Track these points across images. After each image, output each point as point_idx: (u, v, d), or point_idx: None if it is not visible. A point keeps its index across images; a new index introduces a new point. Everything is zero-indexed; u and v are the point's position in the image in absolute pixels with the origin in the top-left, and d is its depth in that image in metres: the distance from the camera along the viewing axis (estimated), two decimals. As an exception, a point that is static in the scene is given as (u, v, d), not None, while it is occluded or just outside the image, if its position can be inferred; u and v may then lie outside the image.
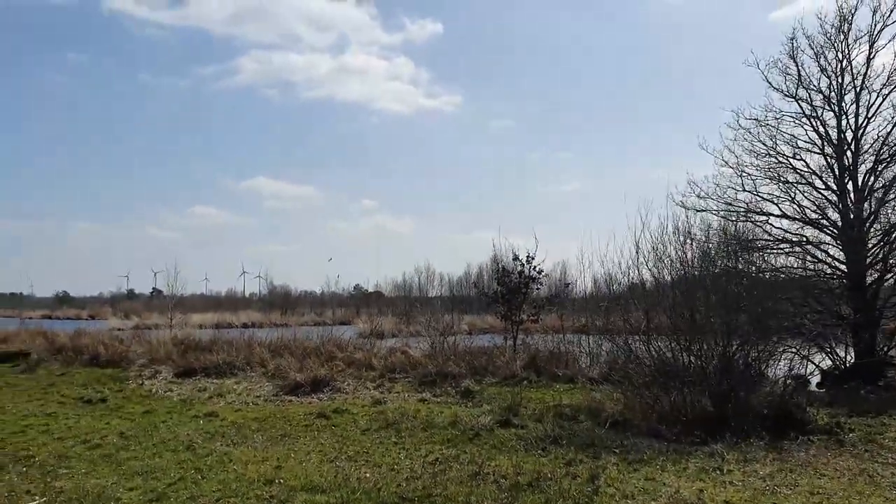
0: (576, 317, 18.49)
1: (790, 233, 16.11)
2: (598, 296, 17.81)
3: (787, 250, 15.87)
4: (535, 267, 18.10)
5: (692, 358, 10.58)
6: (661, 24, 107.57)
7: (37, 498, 7.62)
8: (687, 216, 12.79)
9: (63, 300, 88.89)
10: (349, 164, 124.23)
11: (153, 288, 79.57)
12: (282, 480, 7.96)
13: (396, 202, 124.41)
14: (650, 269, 11.87)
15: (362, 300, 64.88)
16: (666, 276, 11.76)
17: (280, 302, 64.62)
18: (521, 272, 18.08)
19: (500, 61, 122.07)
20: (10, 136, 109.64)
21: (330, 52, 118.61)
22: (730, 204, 16.29)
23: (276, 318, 48.85)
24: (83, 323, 32.59)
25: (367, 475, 8.11)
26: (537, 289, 18.74)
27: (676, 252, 11.56)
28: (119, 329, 27.79)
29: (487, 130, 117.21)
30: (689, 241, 11.74)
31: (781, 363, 11.32)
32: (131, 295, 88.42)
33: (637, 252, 11.96)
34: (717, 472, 8.01)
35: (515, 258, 18.23)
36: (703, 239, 12.16)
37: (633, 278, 12.55)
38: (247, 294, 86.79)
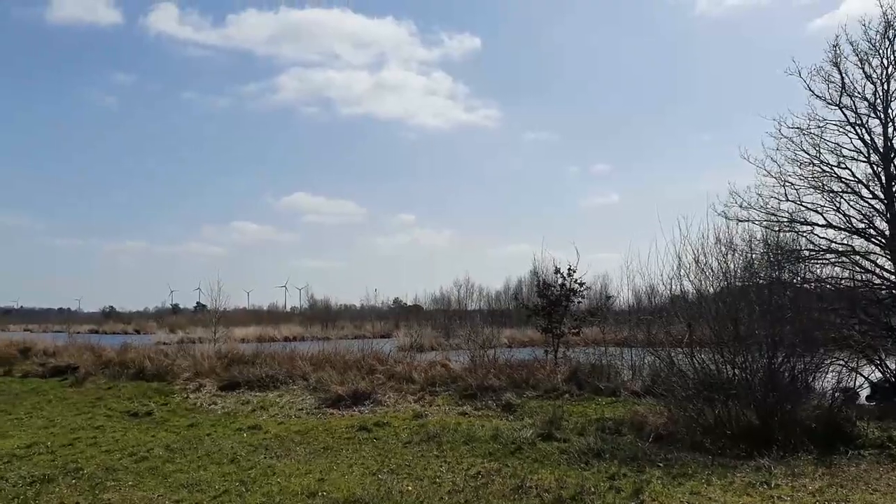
0: (617, 329, 18.30)
1: (836, 242, 15.78)
2: (640, 308, 17.66)
3: (832, 260, 15.54)
4: (575, 279, 18.02)
5: (736, 370, 10.42)
6: (699, 35, 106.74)
7: (86, 509, 7.78)
8: (728, 227, 12.62)
9: (110, 315, 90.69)
10: (387, 179, 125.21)
11: (197, 302, 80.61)
12: (325, 493, 8.01)
13: (435, 216, 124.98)
14: (692, 281, 11.75)
15: (401, 314, 65.07)
16: (708, 288, 11.62)
17: (320, 315, 65.15)
18: (562, 285, 18.00)
19: (538, 74, 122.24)
20: (61, 157, 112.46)
21: (368, 69, 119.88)
22: (773, 214, 16.02)
23: (316, 332, 49.21)
24: (129, 337, 33.15)
25: (410, 488, 8.13)
26: (578, 301, 18.62)
27: (719, 263, 11.42)
28: (164, 343, 28.21)
29: (525, 143, 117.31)
30: (731, 251, 11.59)
31: (829, 376, 11.07)
32: (175, 309, 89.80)
33: (679, 264, 11.86)
34: (765, 486, 7.87)
35: (556, 271, 18.17)
36: (746, 249, 11.99)
37: (674, 290, 12.42)
38: (288, 308, 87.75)
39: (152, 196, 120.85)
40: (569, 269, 17.99)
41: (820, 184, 15.86)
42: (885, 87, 15.28)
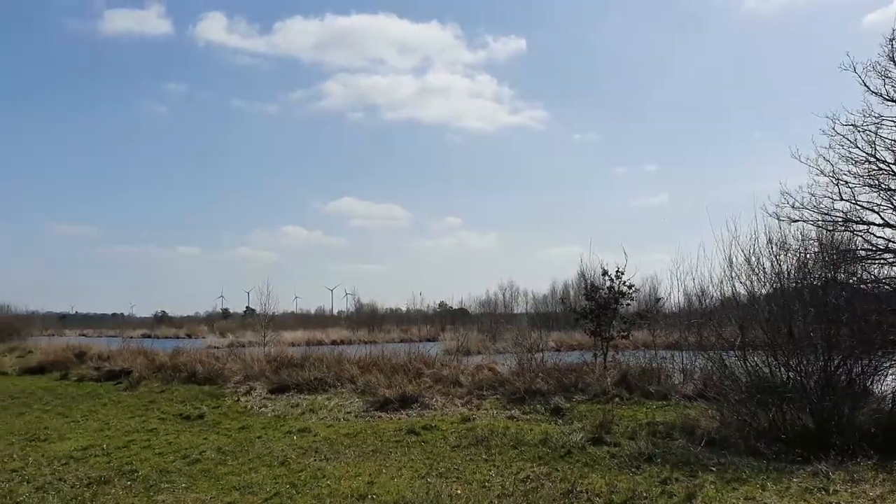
0: (668, 332, 18.05)
1: (894, 242, 15.33)
2: (690, 310, 17.38)
3: (891, 260, 15.11)
4: (624, 282, 17.81)
5: (791, 373, 10.19)
6: (747, 32, 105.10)
7: (142, 510, 7.93)
8: (780, 227, 12.35)
9: (162, 320, 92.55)
10: (433, 183, 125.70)
11: (246, 307, 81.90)
12: (374, 496, 8.05)
13: (480, 219, 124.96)
14: (743, 282, 11.54)
15: (447, 317, 65.15)
16: (760, 289, 11.40)
17: (367, 319, 65.59)
18: (610, 287, 17.81)
19: (584, 74, 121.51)
20: (114, 166, 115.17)
21: (413, 74, 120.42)
22: (826, 213, 15.61)
23: (363, 335, 49.54)
24: (181, 341, 33.77)
25: (459, 492, 8.11)
26: (627, 304, 18.40)
27: (771, 264, 11.19)
28: (215, 347, 28.64)
29: (572, 144, 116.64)
30: (784, 252, 11.35)
31: (888, 379, 10.77)
32: (226, 314, 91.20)
33: (730, 265, 11.66)
34: (823, 492, 7.68)
35: (604, 273, 17.97)
36: (800, 250, 11.72)
37: (725, 292, 12.22)
38: (335, 312, 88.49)
39: (203, 203, 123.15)
40: (617, 271, 17.80)
41: (876, 182, 15.41)
42: (944, 81, 14.80)
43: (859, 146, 15.49)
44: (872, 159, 15.42)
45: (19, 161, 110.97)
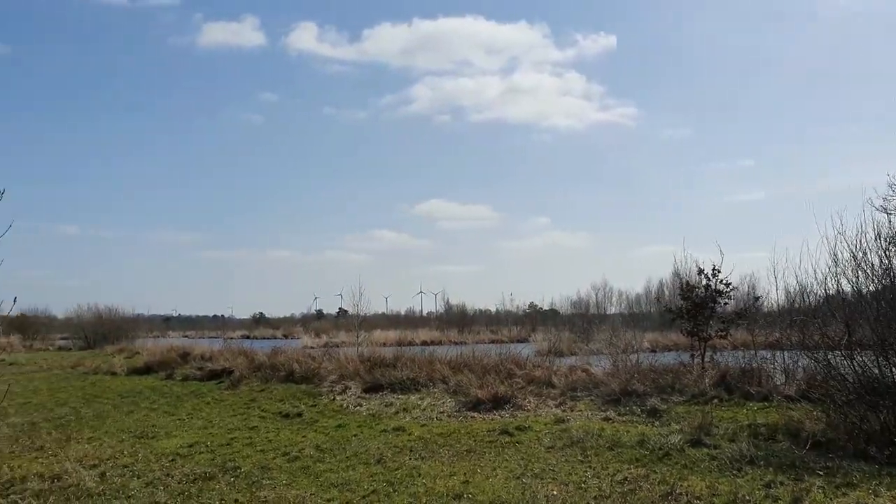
0: (767, 331, 17.41)
1: None
2: (792, 308, 16.73)
3: None
4: (721, 280, 17.30)
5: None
6: (848, 23, 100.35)
7: (245, 505, 8.17)
8: (890, 221, 11.74)
9: (259, 321, 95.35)
10: (521, 183, 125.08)
11: (339, 308, 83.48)
12: (470, 496, 8.06)
13: (570, 218, 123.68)
14: (850, 279, 11.04)
15: (537, 318, 64.78)
16: (868, 286, 10.88)
17: (456, 320, 65.83)
18: (706, 286, 17.33)
19: (676, 70, 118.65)
20: (213, 175, 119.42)
21: (500, 74, 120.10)
22: (941, 205, 14.77)
23: (453, 336, 49.76)
24: (278, 342, 34.71)
25: (555, 493, 8.05)
26: (725, 303, 17.87)
27: (880, 259, 10.67)
28: (310, 347, 29.32)
29: (664, 141, 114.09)
30: (894, 246, 10.79)
31: None
32: (319, 315, 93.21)
33: (834, 261, 11.18)
34: (943, 500, 7.27)
35: (700, 271, 17.49)
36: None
37: (829, 289, 11.71)
38: (424, 313, 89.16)
39: (298, 208, 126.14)
40: (713, 268, 17.29)
41: None
42: None
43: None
44: None
45: (127, 172, 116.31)
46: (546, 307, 72.09)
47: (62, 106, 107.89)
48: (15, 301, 5.87)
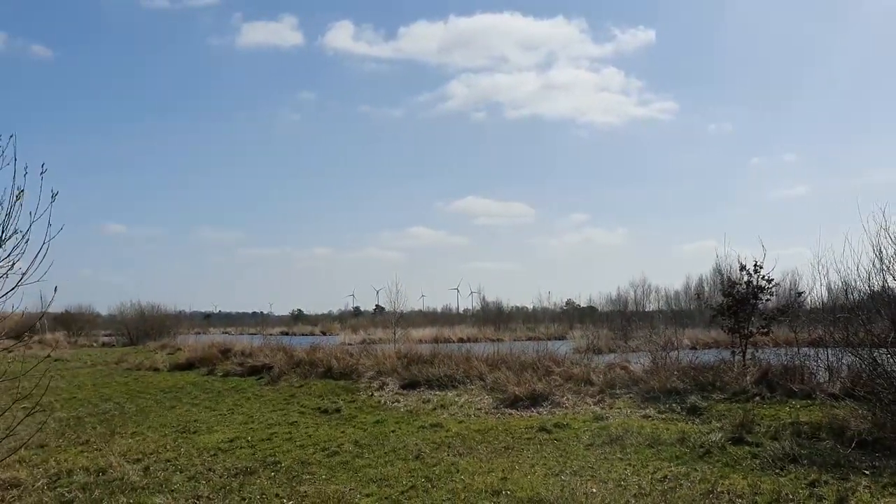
0: (810, 328, 17.09)
1: None
2: (835, 305, 16.41)
3: None
4: (763, 276, 17.02)
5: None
6: (886, 16, 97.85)
7: (285, 501, 8.25)
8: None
9: (298, 317, 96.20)
10: (558, 179, 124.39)
11: (376, 305, 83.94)
12: (509, 492, 8.05)
13: (608, 214, 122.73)
14: (895, 276, 10.80)
15: (575, 315, 64.42)
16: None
17: (493, 317, 65.71)
18: (748, 282, 17.06)
19: (717, 63, 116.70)
20: (252, 174, 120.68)
21: (537, 70, 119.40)
22: None
23: (489, 333, 49.62)
24: (316, 338, 34.93)
25: (594, 490, 7.99)
26: (767, 299, 17.57)
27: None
28: (348, 344, 29.46)
29: (704, 136, 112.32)
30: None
31: None
32: (357, 312, 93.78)
33: (879, 257, 10.94)
34: None
35: (742, 267, 17.22)
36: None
37: (874, 286, 11.46)
38: (460, 310, 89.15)
39: (335, 206, 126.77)
40: (755, 264, 17.02)
41: None
42: None
43: None
44: None
45: (168, 171, 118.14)
46: (584, 304, 71.71)
47: (104, 106, 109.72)
48: (56, 290, 5.99)
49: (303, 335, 54.54)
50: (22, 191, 5.90)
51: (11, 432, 6.45)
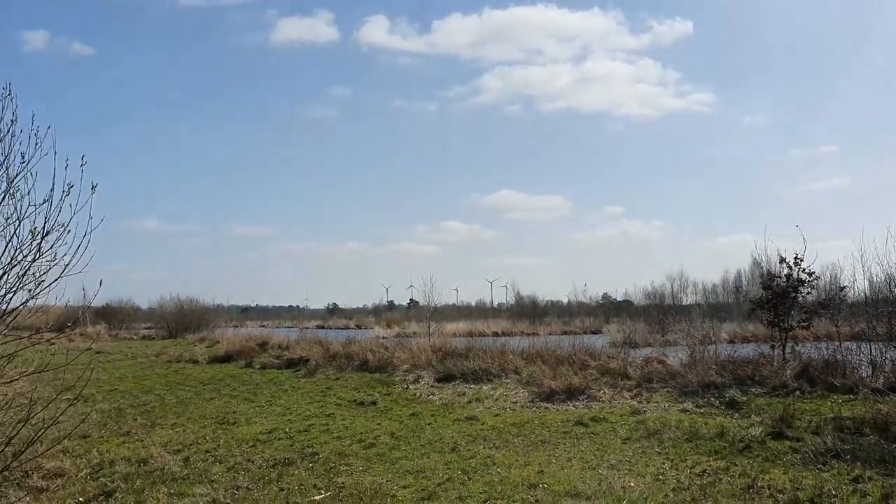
0: (852, 322, 16.76)
1: None
2: (878, 299, 16.09)
3: None
4: (803, 269, 16.71)
5: None
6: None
7: (322, 492, 8.32)
8: None
9: (333, 311, 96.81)
10: (593, 172, 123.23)
11: (410, 299, 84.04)
12: (545, 485, 8.03)
13: (644, 208, 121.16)
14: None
15: (611, 309, 63.94)
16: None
17: (527, 311, 65.45)
18: (787, 275, 16.77)
19: (756, 54, 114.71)
20: (287, 170, 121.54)
21: (572, 62, 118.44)
22: None
23: (524, 327, 49.43)
24: (351, 332, 35.11)
25: (632, 484, 7.95)
26: (807, 293, 17.26)
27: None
28: (383, 337, 29.58)
29: (742, 128, 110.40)
30: None
31: None
32: (391, 306, 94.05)
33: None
34: None
35: (781, 260, 16.92)
36: None
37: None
38: (494, 304, 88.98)
39: (369, 200, 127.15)
40: (795, 257, 16.70)
41: None
42: None
43: None
44: None
45: (204, 167, 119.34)
46: (619, 298, 71.11)
47: (141, 103, 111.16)
48: (101, 284, 6.10)
49: (338, 329, 54.91)
50: (71, 186, 6.02)
51: (55, 422, 6.57)
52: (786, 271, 16.84)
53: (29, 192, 6.14)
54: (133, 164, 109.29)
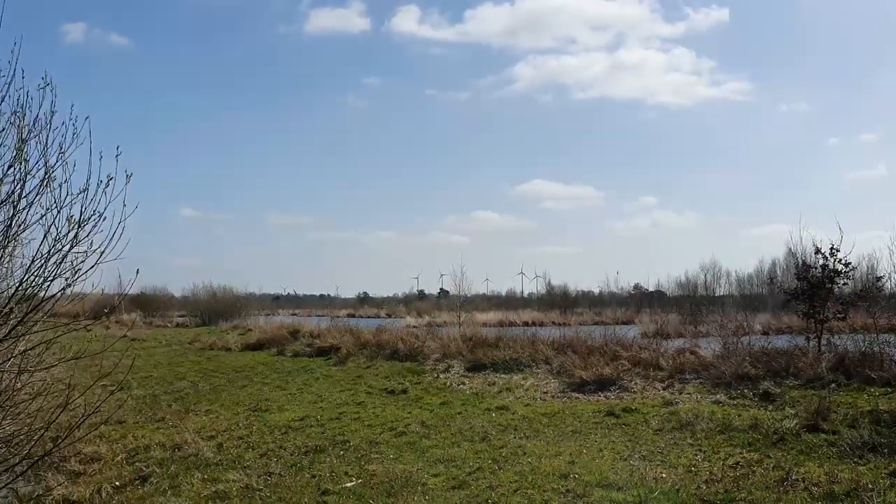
0: (890, 314, 16.46)
1: None
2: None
3: None
4: (840, 259, 16.44)
5: None
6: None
7: (353, 479, 8.38)
8: None
9: (364, 300, 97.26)
10: (626, 162, 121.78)
11: (440, 288, 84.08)
12: (576, 475, 8.01)
13: (677, 198, 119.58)
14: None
15: (643, 299, 63.45)
16: None
17: (559, 301, 65.14)
18: (823, 266, 16.51)
19: (793, 42, 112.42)
20: (320, 159, 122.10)
21: (605, 51, 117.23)
22: None
23: (555, 317, 49.25)
24: (382, 321, 35.27)
25: (664, 475, 7.90)
26: (843, 283, 16.98)
27: None
28: (413, 326, 29.67)
29: (779, 116, 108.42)
30: None
31: None
32: (421, 295, 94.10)
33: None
34: None
35: (817, 251, 16.66)
36: None
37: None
38: (525, 294, 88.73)
39: (401, 190, 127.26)
40: (832, 248, 16.44)
41: None
42: None
43: None
44: None
45: (238, 157, 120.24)
46: (652, 288, 70.51)
47: (177, 94, 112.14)
48: (137, 273, 6.17)
49: (368, 318, 55.17)
50: (111, 178, 6.08)
51: (97, 410, 6.68)
52: (821, 262, 16.61)
53: (66, 181, 6.22)
54: (171, 152, 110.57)
